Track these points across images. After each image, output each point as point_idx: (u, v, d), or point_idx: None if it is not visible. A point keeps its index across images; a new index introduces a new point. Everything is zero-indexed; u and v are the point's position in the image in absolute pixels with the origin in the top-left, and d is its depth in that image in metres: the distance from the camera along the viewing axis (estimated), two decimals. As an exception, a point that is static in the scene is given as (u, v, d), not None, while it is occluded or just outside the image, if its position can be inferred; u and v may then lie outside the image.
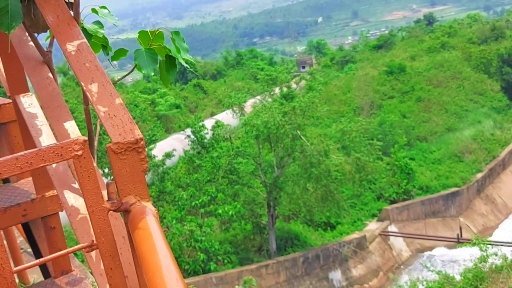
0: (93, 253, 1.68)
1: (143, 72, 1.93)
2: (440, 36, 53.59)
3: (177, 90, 46.65)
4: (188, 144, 29.44)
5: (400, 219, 30.83)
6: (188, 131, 29.65)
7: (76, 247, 1.28)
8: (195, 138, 28.91)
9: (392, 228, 30.45)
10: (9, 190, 2.22)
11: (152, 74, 1.93)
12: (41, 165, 1.14)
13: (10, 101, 2.30)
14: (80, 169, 1.17)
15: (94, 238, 1.22)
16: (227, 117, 32.47)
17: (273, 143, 26.90)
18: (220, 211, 24.30)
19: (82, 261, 3.08)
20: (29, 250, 4.24)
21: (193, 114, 40.17)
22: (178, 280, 0.95)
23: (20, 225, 3.08)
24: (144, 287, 1.26)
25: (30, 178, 2.31)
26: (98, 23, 1.96)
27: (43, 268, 2.30)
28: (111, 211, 1.21)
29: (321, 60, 59.45)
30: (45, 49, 1.77)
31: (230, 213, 24.25)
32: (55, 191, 2.12)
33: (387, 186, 32.46)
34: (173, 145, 30.26)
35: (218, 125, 29.68)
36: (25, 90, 2.02)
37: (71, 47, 1.33)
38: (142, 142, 1.25)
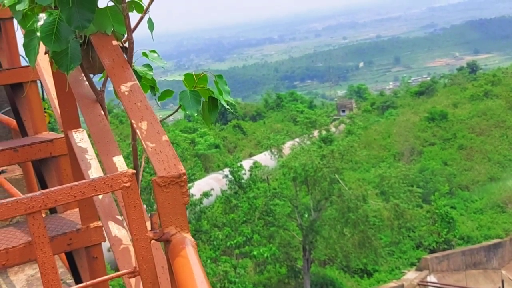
0: (133, 281, 1.76)
1: (187, 112, 2.04)
2: (484, 84, 52.91)
3: (217, 130, 47.31)
4: (226, 184, 29.61)
5: (439, 269, 29.86)
6: (226, 170, 29.87)
7: (119, 272, 1.36)
8: (232, 178, 29.07)
9: (431, 278, 29.47)
10: (56, 220, 2.34)
11: (196, 114, 2.04)
12: (93, 194, 1.24)
13: (62, 136, 2.46)
14: (128, 200, 1.27)
15: (136, 265, 1.30)
16: (265, 159, 32.62)
17: (311, 186, 26.77)
18: (255, 253, 24.14)
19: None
20: (68, 281, 4.37)
21: (231, 154, 40.52)
22: None
23: (63, 255, 3.20)
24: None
25: (76, 209, 2.43)
26: (147, 65, 2.10)
27: None
28: (153, 241, 1.30)
29: (361, 105, 59.41)
30: (99, 89, 1.91)
31: (265, 255, 24.04)
32: (99, 222, 2.23)
33: (426, 235, 31.63)
34: (211, 184, 30.50)
35: (256, 165, 29.81)
36: (77, 126, 2.16)
37: (124, 87, 1.45)
38: (184, 177, 1.35)
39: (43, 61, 2.41)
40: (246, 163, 30.73)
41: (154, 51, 2.13)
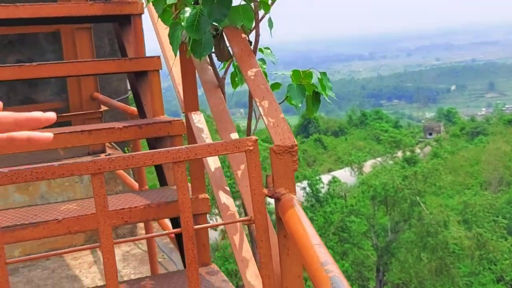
0: (237, 238, 2.05)
1: (293, 103, 2.32)
2: None
3: (298, 143, 47.50)
4: (303, 196, 29.80)
5: (521, 307, 28.26)
6: (305, 183, 30.07)
7: (240, 219, 1.65)
8: (310, 191, 29.20)
9: (511, 316, 27.96)
10: (169, 190, 2.68)
11: (300, 105, 2.31)
12: (224, 153, 1.54)
13: (179, 118, 2.82)
14: (250, 161, 1.56)
15: (251, 215, 1.58)
16: (344, 175, 32.45)
17: (390, 206, 26.34)
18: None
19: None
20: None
21: (310, 168, 40.61)
22: (327, 252, 1.23)
23: (168, 226, 3.58)
24: (285, 259, 1.59)
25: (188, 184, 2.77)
26: (262, 60, 2.40)
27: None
28: (266, 196, 1.58)
29: (450, 129, 57.49)
30: (220, 76, 2.23)
31: (337, 271, 23.87)
32: (206, 195, 2.55)
33: (509, 269, 30.05)
34: (288, 195, 30.69)
35: (334, 180, 29.76)
36: (196, 108, 2.50)
37: (250, 72, 1.75)
38: (295, 148, 1.61)
39: (170, 52, 2.78)
40: (325, 178, 30.79)
41: (268, 48, 2.44)
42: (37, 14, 3.02)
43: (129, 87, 6.60)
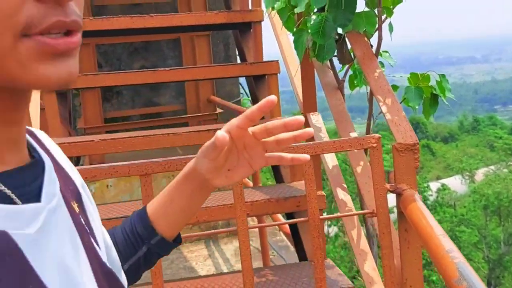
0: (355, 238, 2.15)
1: (410, 104, 2.38)
2: None
3: (405, 148, 46.12)
4: (410, 203, 28.83)
5: None
6: (411, 190, 29.07)
7: (363, 211, 1.76)
8: (417, 198, 28.24)
9: None
10: (286, 187, 2.84)
11: (417, 107, 2.37)
12: (348, 149, 1.66)
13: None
14: (373, 157, 1.66)
15: (374, 209, 1.69)
16: (454, 183, 31.06)
17: (503, 217, 24.84)
18: (434, 278, 23.22)
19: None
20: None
21: (418, 174, 39.25)
22: (450, 241, 1.31)
23: (285, 227, 3.74)
24: (405, 252, 1.67)
25: (302, 181, 2.91)
26: (380, 63, 2.49)
27: (302, 254, 2.85)
28: (388, 191, 1.67)
29: None
30: (340, 79, 2.35)
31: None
32: (322, 192, 2.67)
33: None
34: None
35: (444, 188, 28.58)
36: (315, 109, 2.64)
37: (372, 74, 1.85)
38: (417, 146, 1.69)
39: (289, 56, 2.94)
40: (433, 185, 29.64)
41: (386, 51, 2.52)
42: (168, 23, 3.31)
43: (241, 91, 6.91)
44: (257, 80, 3.54)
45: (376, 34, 2.10)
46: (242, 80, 6.46)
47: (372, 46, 2.04)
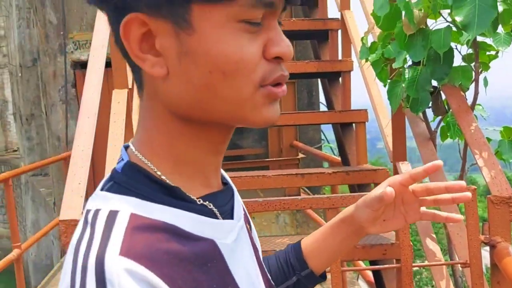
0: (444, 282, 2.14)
1: (503, 157, 2.38)
2: None
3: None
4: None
5: None
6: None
7: (455, 261, 1.78)
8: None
9: None
10: (372, 234, 2.87)
11: (511, 160, 2.36)
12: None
13: (383, 168, 3.01)
14: (468, 209, 1.69)
15: (467, 259, 1.70)
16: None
17: None
18: None
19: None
20: None
21: None
22: None
23: (366, 273, 3.73)
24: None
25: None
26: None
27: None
28: (482, 243, 1.68)
29: None
30: (432, 130, 2.39)
31: None
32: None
33: None
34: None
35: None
36: (404, 158, 2.67)
37: (468, 127, 1.90)
38: (513, 200, 1.70)
39: (379, 105, 3.02)
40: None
41: (479, 104, 2.54)
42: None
43: (322, 137, 7.00)
44: (344, 128, 3.62)
45: (471, 87, 2.14)
46: (323, 127, 6.56)
47: (466, 99, 2.09)
